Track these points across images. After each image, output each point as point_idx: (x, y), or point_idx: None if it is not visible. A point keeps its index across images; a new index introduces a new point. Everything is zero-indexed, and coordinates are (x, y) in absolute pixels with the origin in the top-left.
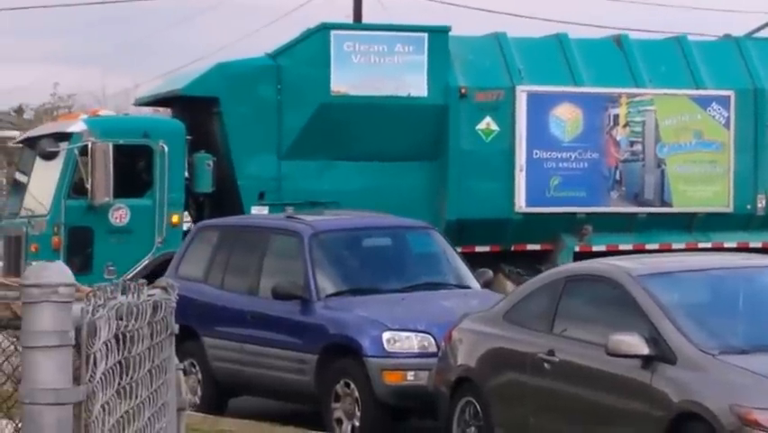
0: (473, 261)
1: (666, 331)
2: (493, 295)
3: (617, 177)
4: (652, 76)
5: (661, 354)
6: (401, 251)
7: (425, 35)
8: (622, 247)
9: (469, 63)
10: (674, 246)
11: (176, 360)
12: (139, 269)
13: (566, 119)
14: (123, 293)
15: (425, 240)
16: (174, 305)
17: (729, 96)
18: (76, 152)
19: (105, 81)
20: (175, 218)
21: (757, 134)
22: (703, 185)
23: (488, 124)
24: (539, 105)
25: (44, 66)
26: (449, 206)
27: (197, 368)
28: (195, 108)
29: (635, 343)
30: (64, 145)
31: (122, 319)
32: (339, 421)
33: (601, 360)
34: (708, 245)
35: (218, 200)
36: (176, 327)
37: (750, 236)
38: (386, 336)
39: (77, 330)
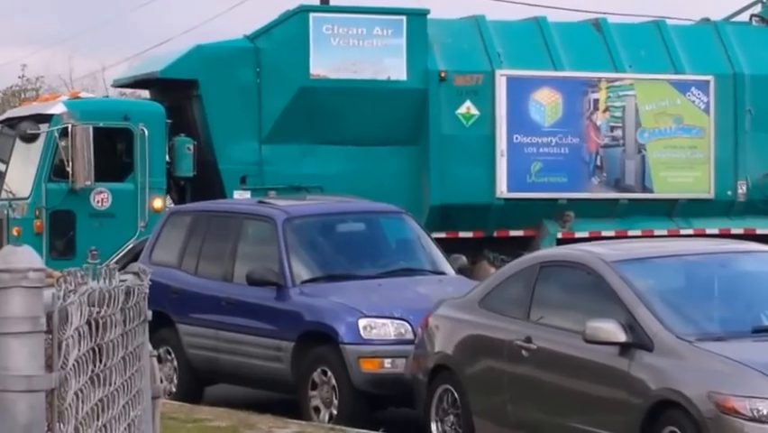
0: (457, 246)
1: (643, 318)
2: (468, 281)
3: (598, 162)
4: (631, 60)
5: (638, 341)
6: (376, 236)
7: (404, 18)
8: (604, 233)
9: (447, 47)
10: (656, 233)
11: (150, 347)
12: (123, 253)
13: (546, 104)
14: (94, 278)
15: (399, 225)
16: (147, 291)
17: (709, 81)
18: (56, 134)
19: (72, 64)
20: (157, 202)
21: (737, 120)
22: (684, 171)
23: (468, 108)
24: (519, 90)
25: (11, 48)
26: (432, 191)
27: (173, 355)
28: (173, 91)
29: (612, 330)
30: (44, 127)
31: (94, 305)
32: (316, 409)
33: (578, 347)
34: (690, 232)
35: (199, 185)
36: (149, 314)
37: (731, 223)
38: (362, 322)
39: (49, 316)
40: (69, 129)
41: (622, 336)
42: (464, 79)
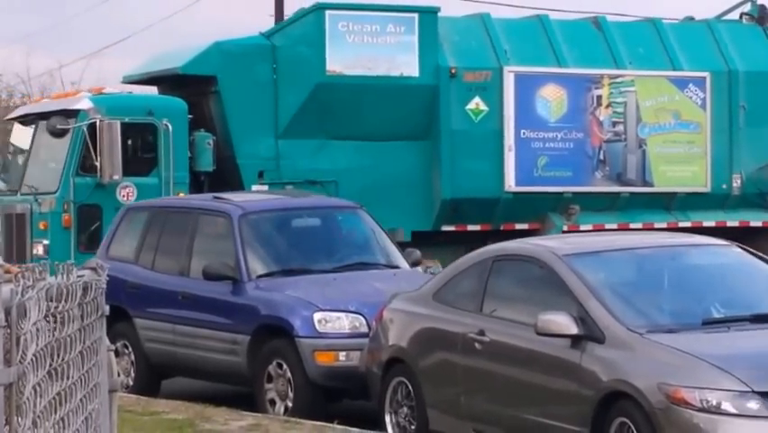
0: (465, 239)
1: (594, 310)
2: (422, 275)
3: (601, 157)
4: (631, 57)
5: (589, 334)
6: (331, 231)
7: (416, 16)
8: (607, 226)
9: (456, 44)
10: (656, 225)
11: (107, 341)
12: None
13: (552, 99)
14: (52, 274)
15: (354, 220)
16: (104, 286)
17: (705, 78)
18: (84, 129)
19: (29, 62)
20: (180, 197)
21: (731, 115)
22: (682, 165)
23: (477, 104)
24: (526, 86)
25: None
26: (443, 185)
27: (130, 349)
28: (185, 87)
29: (563, 322)
30: (72, 122)
31: (52, 300)
32: (272, 402)
33: (531, 339)
34: (688, 225)
35: (217, 179)
36: (106, 308)
37: (726, 216)
38: (317, 316)
39: (7, 311)
40: (98, 124)
41: (574, 329)
42: (474, 76)
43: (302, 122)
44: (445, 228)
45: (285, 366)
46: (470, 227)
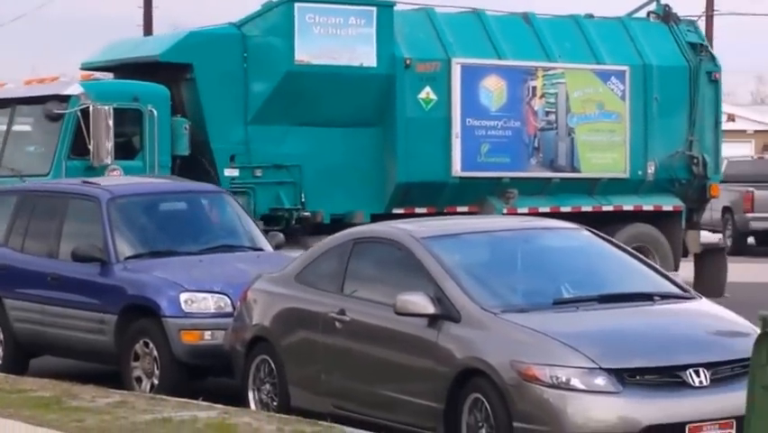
0: None
1: (450, 291)
2: (285, 257)
3: (536, 144)
4: (560, 51)
5: (446, 313)
6: (197, 214)
7: (374, 9)
8: (541, 210)
9: (408, 36)
10: (583, 209)
11: None
12: None
13: (493, 90)
14: None
15: (219, 204)
16: None
17: (625, 71)
18: (79, 114)
19: None
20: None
21: (646, 107)
22: (604, 152)
23: (427, 93)
24: (471, 77)
25: None
26: (398, 169)
27: None
28: (155, 75)
29: (420, 302)
30: (65, 107)
31: None
32: (138, 380)
33: (390, 319)
34: (610, 208)
35: (189, 163)
36: None
37: (642, 200)
38: (183, 296)
39: None
40: (90, 109)
41: (430, 308)
42: (425, 66)
43: (271, 109)
44: (396, 211)
45: (151, 345)
46: (418, 210)
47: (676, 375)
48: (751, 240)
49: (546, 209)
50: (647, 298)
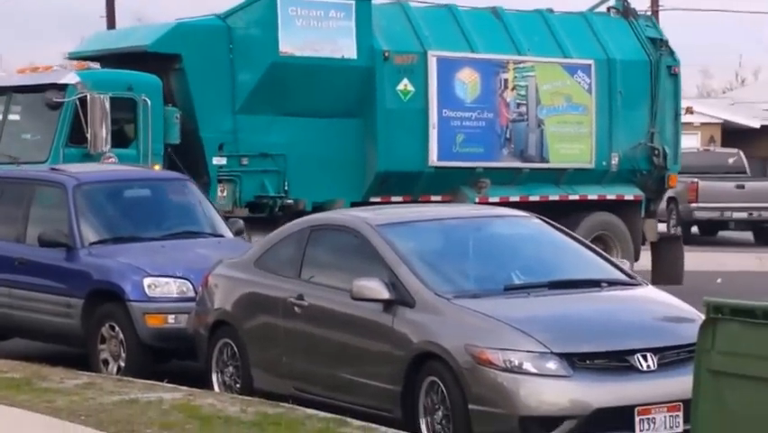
0: None
1: (404, 277)
2: (244, 243)
3: (508, 135)
4: (529, 45)
5: (400, 298)
6: (160, 201)
7: (353, 2)
8: (511, 199)
9: (385, 29)
10: (551, 198)
11: None
12: None
13: (467, 82)
14: None
15: (182, 191)
16: None
17: (590, 65)
18: (77, 102)
19: None
20: (156, 168)
21: (611, 100)
22: (572, 144)
23: (405, 85)
24: (447, 69)
25: None
26: (378, 159)
27: None
28: (143, 64)
29: (376, 288)
30: (62, 96)
31: None
32: (105, 362)
33: (346, 304)
34: (576, 198)
35: (180, 151)
36: None
37: (605, 189)
38: (147, 281)
39: None
40: (88, 98)
41: (386, 294)
42: (402, 59)
43: (257, 99)
44: (373, 199)
45: (117, 328)
46: (394, 198)
47: (624, 360)
48: (695, 229)
49: (516, 198)
50: (595, 284)
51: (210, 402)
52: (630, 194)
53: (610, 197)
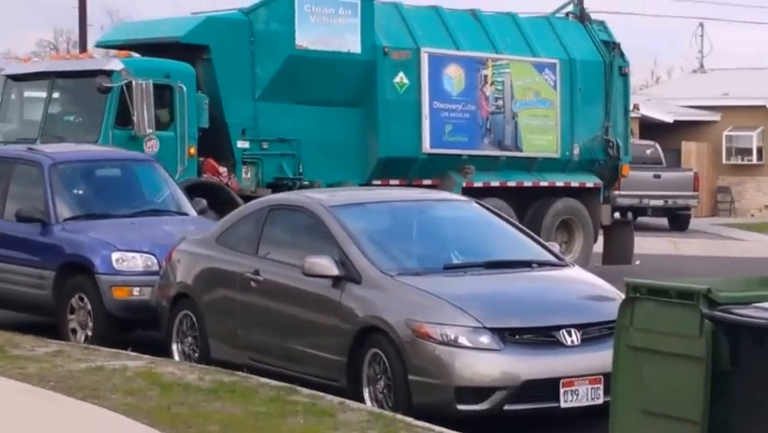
0: None
1: (352, 255)
2: (207, 221)
3: (488, 126)
4: (504, 44)
5: (348, 275)
6: (129, 181)
7: (359, 1)
8: (492, 184)
9: (384, 27)
10: (525, 184)
11: None
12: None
13: (454, 77)
14: None
15: (149, 172)
16: None
17: (556, 64)
18: (124, 87)
19: None
20: (192, 150)
21: (573, 96)
22: (541, 135)
23: (401, 78)
24: (436, 65)
25: None
26: (380, 145)
27: None
28: (169, 53)
29: (326, 264)
30: (110, 81)
31: None
32: (74, 331)
33: (299, 279)
34: (546, 184)
35: (208, 135)
36: None
37: (569, 177)
38: (115, 255)
39: None
40: (134, 84)
41: (335, 270)
42: (399, 54)
43: (275, 88)
44: (375, 182)
45: (86, 299)
46: (392, 182)
47: (551, 335)
48: (617, 215)
49: (497, 184)
50: (527, 265)
51: (170, 370)
52: (590, 182)
53: (574, 184)
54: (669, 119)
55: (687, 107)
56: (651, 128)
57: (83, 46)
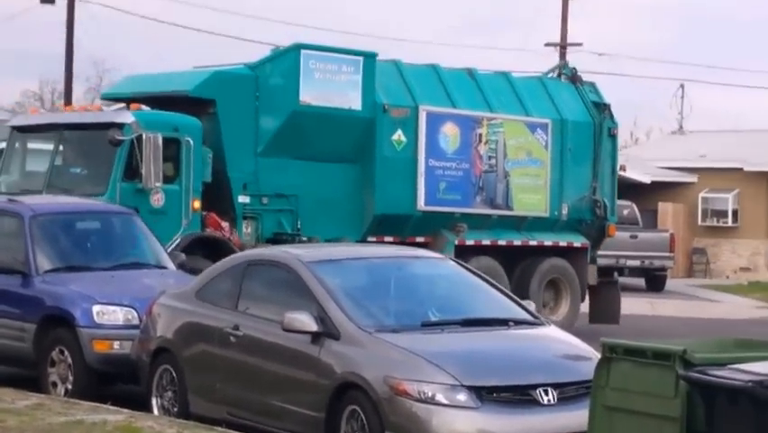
0: None
1: (331, 311)
2: (186, 275)
3: (481, 184)
4: (498, 103)
5: (327, 331)
6: (110, 233)
7: (361, 59)
8: (483, 242)
9: (384, 84)
10: (515, 243)
11: None
12: (173, 245)
13: (450, 135)
14: None
15: (129, 225)
16: None
17: (548, 124)
18: (134, 140)
19: None
20: (196, 204)
21: (563, 156)
22: (531, 194)
23: (399, 135)
24: (434, 123)
25: None
26: (375, 202)
27: None
28: (174, 107)
29: (305, 320)
30: (120, 134)
31: None
32: (54, 384)
33: (278, 335)
34: (535, 243)
35: (210, 189)
36: None
37: (557, 237)
38: (95, 308)
39: None
40: (144, 137)
41: (314, 326)
42: (398, 112)
43: (277, 143)
44: (369, 239)
45: (66, 352)
46: (386, 238)
47: (528, 394)
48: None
49: (488, 242)
50: (504, 323)
51: (149, 425)
52: (578, 241)
53: (562, 243)
54: (646, 179)
55: (664, 168)
56: (628, 188)
57: (68, 97)
